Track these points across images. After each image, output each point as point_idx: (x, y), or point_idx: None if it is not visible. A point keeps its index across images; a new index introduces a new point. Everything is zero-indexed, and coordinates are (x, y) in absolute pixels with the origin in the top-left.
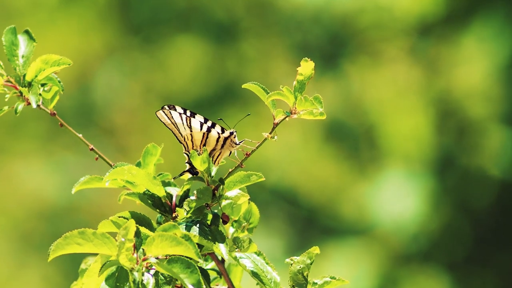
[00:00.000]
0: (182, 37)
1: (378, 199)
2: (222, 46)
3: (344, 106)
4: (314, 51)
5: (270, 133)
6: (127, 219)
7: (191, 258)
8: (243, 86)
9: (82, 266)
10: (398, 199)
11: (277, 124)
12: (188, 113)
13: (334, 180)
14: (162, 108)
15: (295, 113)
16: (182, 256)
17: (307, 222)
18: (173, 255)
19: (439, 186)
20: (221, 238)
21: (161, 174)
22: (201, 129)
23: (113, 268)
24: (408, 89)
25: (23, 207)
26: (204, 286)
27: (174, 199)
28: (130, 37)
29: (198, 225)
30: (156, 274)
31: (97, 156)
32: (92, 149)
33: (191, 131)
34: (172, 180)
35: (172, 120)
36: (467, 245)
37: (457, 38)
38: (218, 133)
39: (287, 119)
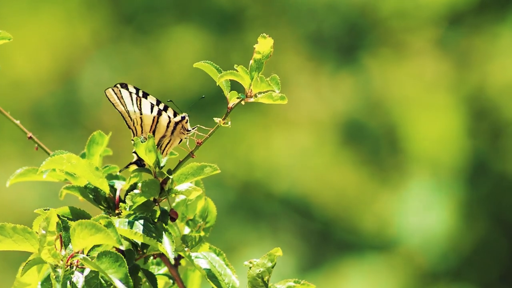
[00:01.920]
0: (180, 27)
1: (402, 210)
2: (225, 37)
3: (363, 105)
4: (329, 43)
5: (224, 118)
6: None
7: (120, 251)
8: (194, 66)
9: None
10: (424, 210)
11: (231, 109)
12: (141, 93)
13: (352, 189)
14: (115, 86)
15: (251, 96)
16: (112, 251)
17: (321, 236)
18: (104, 251)
19: (471, 196)
20: (167, 235)
21: (107, 166)
22: (151, 112)
23: (46, 269)
24: (436, 86)
25: (0, 218)
26: (131, 282)
27: (118, 193)
28: (121, 27)
29: (142, 221)
30: (92, 277)
31: (36, 145)
32: (30, 138)
33: (141, 114)
34: (119, 173)
35: (122, 101)
36: (502, 262)
37: (491, 28)
38: (169, 117)
39: (242, 102)
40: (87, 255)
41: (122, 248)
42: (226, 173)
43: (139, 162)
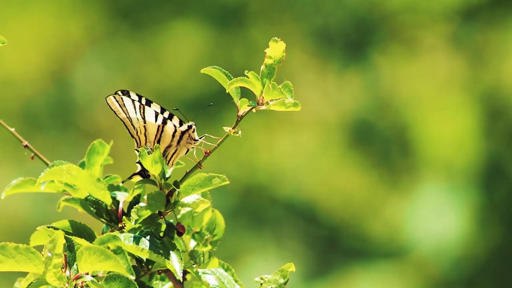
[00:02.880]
0: (179, 22)
1: (413, 216)
2: (226, 33)
3: (372, 105)
4: (336, 39)
5: (234, 127)
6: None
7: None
8: (201, 71)
9: (16, 285)
10: (437, 216)
11: (241, 117)
12: (144, 100)
13: (360, 193)
14: (115, 93)
15: (262, 104)
16: (123, 275)
17: (328, 243)
18: (112, 272)
19: (487, 200)
20: (175, 252)
21: (108, 176)
22: (156, 120)
23: None
24: (449, 84)
25: None
26: None
27: (121, 205)
28: (117, 22)
29: (148, 237)
30: None
31: (32, 154)
32: (26, 146)
33: (144, 122)
34: (121, 184)
35: (124, 109)
36: None
37: (508, 23)
38: (174, 126)
39: (253, 110)
40: (93, 276)
41: (132, 277)
42: (227, 177)
43: (143, 173)
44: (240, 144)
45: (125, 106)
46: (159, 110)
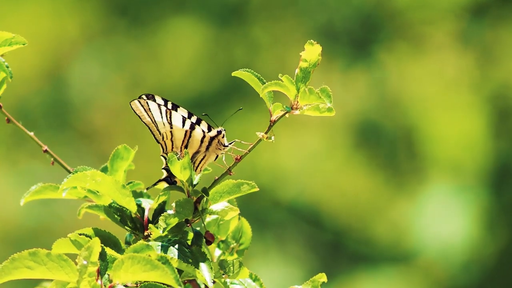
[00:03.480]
0: (178, 19)
1: (420, 219)
2: (227, 30)
3: (378, 104)
4: (341, 36)
5: (266, 132)
6: (90, 237)
7: (168, 286)
8: (233, 74)
9: None
10: (445, 219)
11: (274, 122)
12: (170, 105)
13: (366, 195)
14: (140, 97)
15: (297, 108)
16: (157, 283)
17: (332, 247)
18: (146, 281)
19: (496, 202)
20: (205, 262)
21: (131, 182)
22: (183, 125)
23: None
24: (458, 83)
25: None
26: None
27: (146, 213)
28: (114, 19)
29: (176, 245)
30: None
31: (52, 159)
32: (46, 151)
33: (171, 128)
34: (145, 190)
35: (149, 113)
36: None
37: None
38: (203, 131)
39: (287, 115)
40: (125, 286)
41: None
42: (227, 179)
43: (169, 179)
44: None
45: (150, 111)
46: (186, 115)
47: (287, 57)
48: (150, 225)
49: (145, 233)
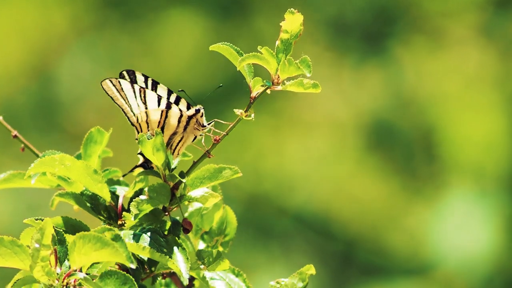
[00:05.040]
0: (176, 10)
1: (439, 227)
2: (229, 23)
3: (393, 103)
4: (353, 30)
5: (246, 110)
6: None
7: (125, 270)
8: (210, 48)
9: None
10: (466, 227)
11: (255, 99)
12: (150, 82)
13: (379, 202)
14: (120, 74)
15: (278, 83)
16: (120, 271)
17: (343, 259)
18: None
19: None
20: (180, 251)
21: (107, 169)
22: (158, 105)
23: None
24: (480, 81)
25: None
26: None
27: (120, 201)
28: (107, 11)
29: (150, 234)
30: None
31: (23, 145)
32: (15, 136)
33: (146, 108)
34: (122, 178)
35: (122, 94)
36: None
37: None
38: (180, 110)
39: (268, 91)
40: (86, 274)
41: (133, 266)
42: (230, 184)
43: (146, 165)
44: (244, 147)
45: (123, 91)
46: (165, 93)
47: (294, 51)
48: (124, 213)
49: (119, 222)
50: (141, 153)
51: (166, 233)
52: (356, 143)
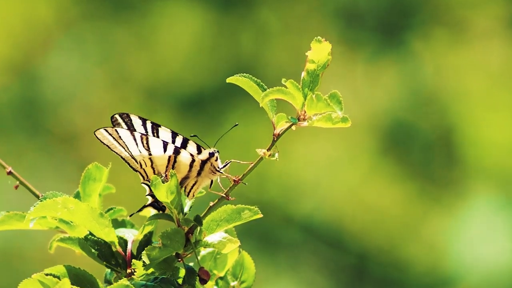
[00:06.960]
0: (174, 0)
1: (461, 238)
2: (232, 14)
3: (411, 102)
4: (368, 22)
5: (269, 149)
6: (59, 277)
7: None
8: (227, 81)
9: None
10: (489, 238)
11: (279, 136)
12: (149, 125)
13: (395, 211)
14: (111, 118)
15: (304, 119)
16: None
17: (355, 272)
18: None
19: None
20: None
21: (111, 209)
22: (165, 151)
23: None
24: (506, 77)
25: None
26: None
27: (129, 246)
28: (97, 1)
29: (164, 285)
30: None
31: (18, 182)
32: (10, 173)
33: (150, 154)
34: (128, 218)
35: (121, 142)
36: None
37: None
38: (191, 155)
39: (293, 127)
40: None
41: None
42: (233, 192)
43: (157, 204)
44: (249, 152)
45: (121, 139)
46: (169, 136)
47: (302, 45)
48: (133, 260)
49: (128, 271)
50: (150, 195)
51: (180, 281)
52: (370, 145)
